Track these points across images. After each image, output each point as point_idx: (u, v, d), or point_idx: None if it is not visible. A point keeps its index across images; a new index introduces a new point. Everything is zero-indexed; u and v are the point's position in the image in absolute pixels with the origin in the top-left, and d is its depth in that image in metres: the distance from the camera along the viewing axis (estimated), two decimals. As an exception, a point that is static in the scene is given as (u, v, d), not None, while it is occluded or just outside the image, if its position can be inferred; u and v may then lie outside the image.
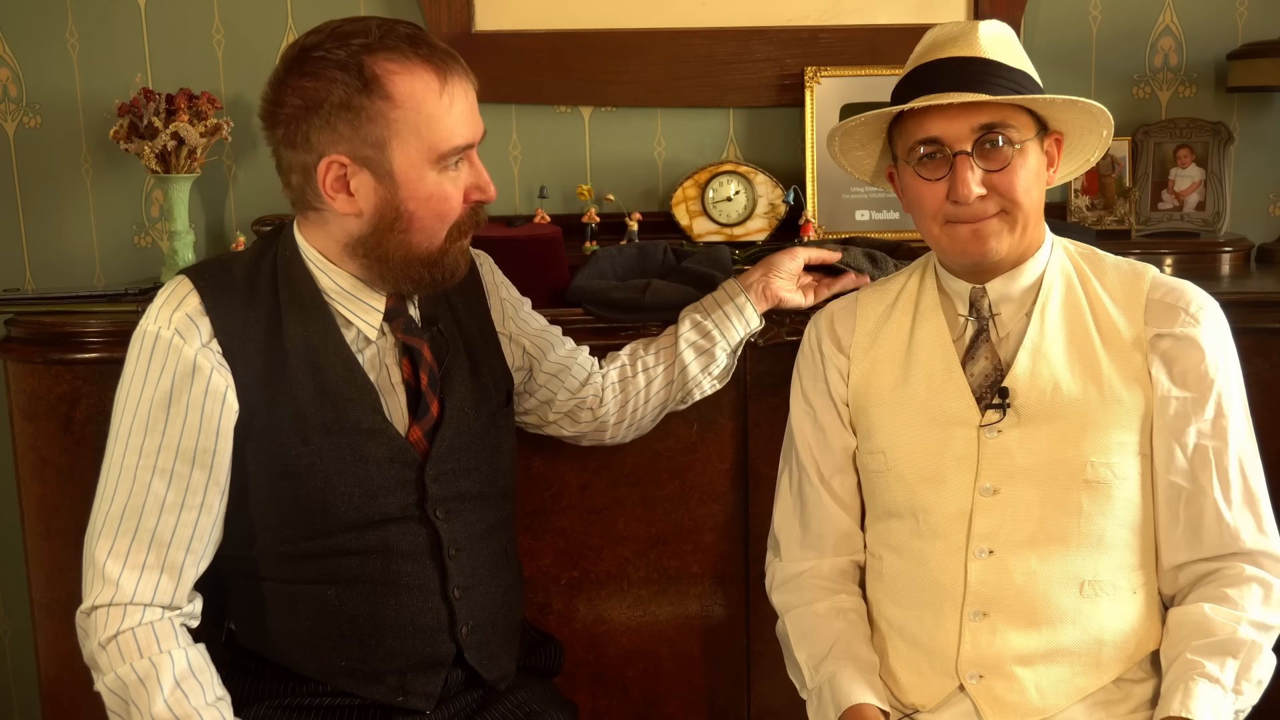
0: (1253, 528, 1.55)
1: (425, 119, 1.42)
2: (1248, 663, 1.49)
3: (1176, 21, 2.47)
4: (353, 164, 1.43)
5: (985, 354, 1.59)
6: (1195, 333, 1.55)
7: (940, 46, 1.55)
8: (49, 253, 2.50)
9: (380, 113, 1.41)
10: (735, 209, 2.40)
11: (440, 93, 1.43)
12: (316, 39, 1.44)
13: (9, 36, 2.44)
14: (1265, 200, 2.53)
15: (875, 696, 1.55)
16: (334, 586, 1.52)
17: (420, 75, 1.42)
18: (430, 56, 1.43)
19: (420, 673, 1.56)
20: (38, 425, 1.97)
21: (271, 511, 1.51)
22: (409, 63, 1.42)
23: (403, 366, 1.56)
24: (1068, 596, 1.55)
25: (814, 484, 1.70)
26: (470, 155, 1.50)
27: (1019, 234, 1.55)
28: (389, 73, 1.41)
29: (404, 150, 1.43)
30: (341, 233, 1.49)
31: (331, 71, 1.41)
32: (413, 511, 1.54)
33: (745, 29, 2.43)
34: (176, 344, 1.45)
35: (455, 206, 1.48)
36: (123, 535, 1.45)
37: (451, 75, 1.44)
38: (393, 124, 1.41)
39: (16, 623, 2.57)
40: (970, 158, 1.51)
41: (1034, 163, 1.54)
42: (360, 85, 1.40)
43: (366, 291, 1.53)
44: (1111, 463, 1.54)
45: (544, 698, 1.70)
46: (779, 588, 1.73)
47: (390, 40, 1.42)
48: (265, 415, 1.48)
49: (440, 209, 1.47)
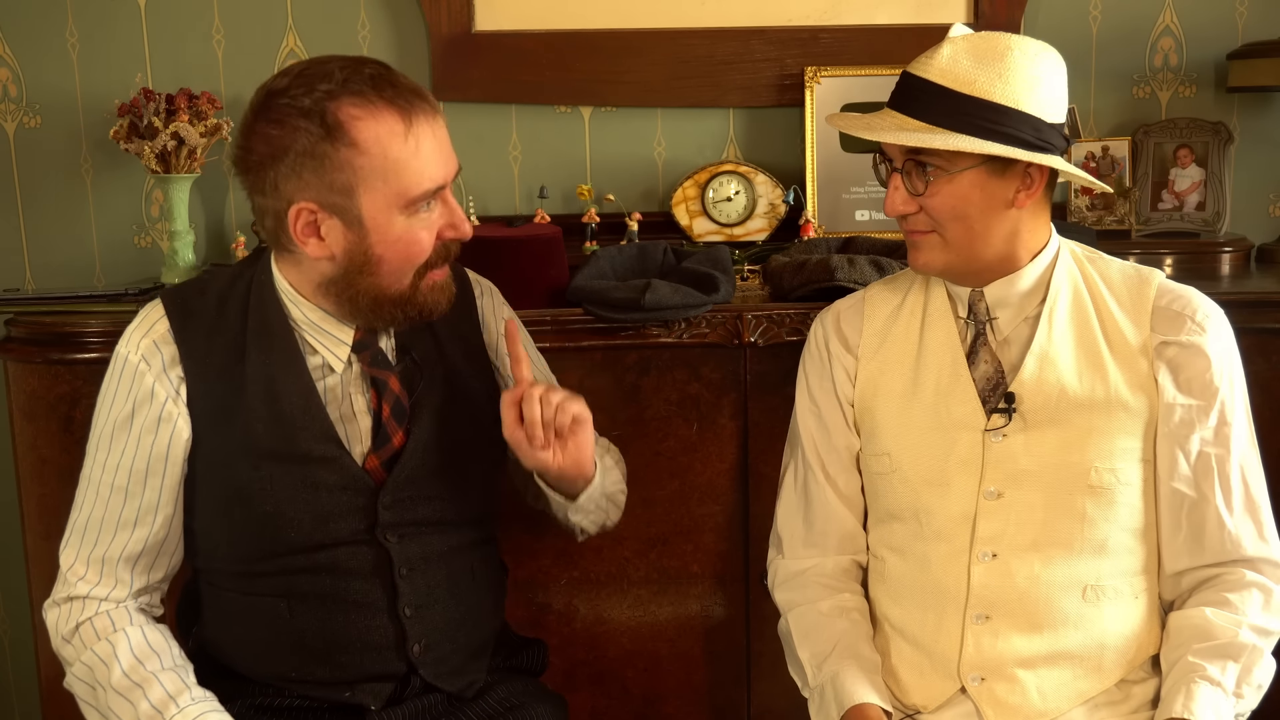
0: (1254, 535, 1.56)
1: (392, 165, 1.41)
2: (1248, 666, 1.49)
3: (1176, 21, 2.47)
4: (321, 211, 1.43)
5: (985, 357, 1.59)
6: (1201, 340, 1.55)
7: (922, 55, 1.54)
8: (49, 253, 2.50)
9: (346, 160, 1.40)
10: (735, 209, 2.40)
11: (405, 136, 1.42)
12: (282, 83, 1.43)
13: (9, 36, 2.44)
14: (1265, 200, 2.53)
15: (878, 696, 1.55)
16: (286, 600, 1.53)
17: (385, 120, 1.41)
18: (395, 99, 1.42)
19: (370, 684, 1.57)
20: (38, 425, 1.97)
21: (225, 530, 1.55)
22: (373, 107, 1.41)
23: (369, 396, 1.56)
24: (1070, 601, 1.55)
25: (819, 481, 1.70)
26: (443, 194, 1.49)
27: (958, 253, 1.55)
28: (353, 119, 1.40)
29: (372, 197, 1.42)
30: (315, 273, 1.50)
31: (296, 120, 1.40)
32: (363, 536, 1.54)
33: (745, 29, 2.43)
34: (141, 370, 1.51)
35: (425, 249, 1.47)
36: (85, 544, 1.54)
37: (417, 116, 1.43)
38: (359, 171, 1.41)
39: (16, 623, 2.57)
40: (900, 174, 1.53)
41: (969, 190, 1.51)
42: (324, 133, 1.40)
43: (335, 324, 1.54)
44: (1115, 468, 1.54)
45: (526, 692, 1.69)
46: (781, 585, 1.73)
47: (354, 84, 1.41)
48: (218, 439, 1.51)
49: (409, 252, 1.47)
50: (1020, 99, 1.49)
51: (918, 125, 1.50)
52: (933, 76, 1.50)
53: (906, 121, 1.51)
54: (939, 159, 1.50)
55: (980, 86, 1.48)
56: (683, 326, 1.94)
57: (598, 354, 1.95)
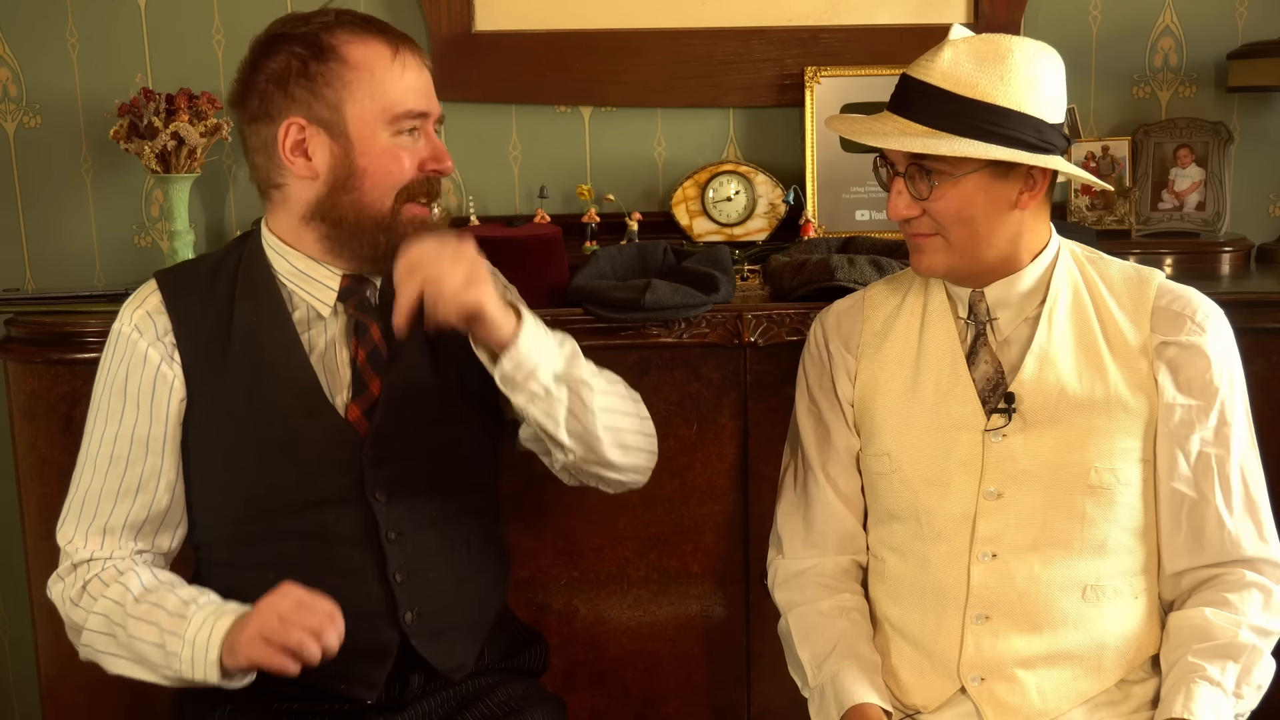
0: (1253, 535, 1.56)
1: (378, 82, 1.51)
2: (1248, 667, 1.49)
3: (1176, 21, 2.47)
4: (310, 125, 1.51)
5: (985, 357, 1.59)
6: (1201, 341, 1.55)
7: (921, 58, 1.54)
8: (49, 253, 2.50)
9: (335, 74, 1.50)
10: (735, 209, 2.40)
11: (392, 60, 1.52)
12: (279, 25, 1.56)
13: (9, 36, 2.44)
14: (1265, 200, 2.53)
15: (878, 696, 1.56)
16: (274, 570, 1.50)
17: (373, 45, 1.52)
18: (384, 30, 1.54)
19: (363, 660, 1.55)
20: (38, 425, 1.97)
21: (216, 494, 1.57)
22: (364, 34, 1.53)
23: (352, 346, 1.58)
24: (1070, 601, 1.55)
25: (819, 482, 1.70)
26: (426, 128, 1.55)
27: (961, 255, 1.55)
28: (344, 42, 1.51)
29: (357, 109, 1.50)
30: (299, 203, 1.54)
31: (291, 46, 1.51)
32: (350, 494, 1.55)
33: (745, 29, 2.43)
34: (134, 338, 1.56)
35: (406, 169, 1.53)
36: (84, 517, 1.57)
37: (404, 48, 1.54)
38: (347, 84, 1.50)
39: (17, 623, 2.57)
40: (903, 179, 1.53)
41: (973, 193, 1.51)
42: (317, 53, 1.50)
43: (320, 270, 1.57)
44: (1115, 468, 1.54)
45: (525, 695, 1.68)
46: (781, 585, 1.73)
47: (346, 18, 1.54)
48: (208, 399, 1.55)
49: (390, 168, 1.52)
50: (1022, 101, 1.49)
51: (921, 130, 1.50)
52: (935, 80, 1.50)
53: (909, 126, 1.51)
54: (943, 163, 1.50)
55: (983, 89, 1.48)
56: (683, 326, 1.94)
57: (598, 354, 1.94)
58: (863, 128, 1.56)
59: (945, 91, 1.49)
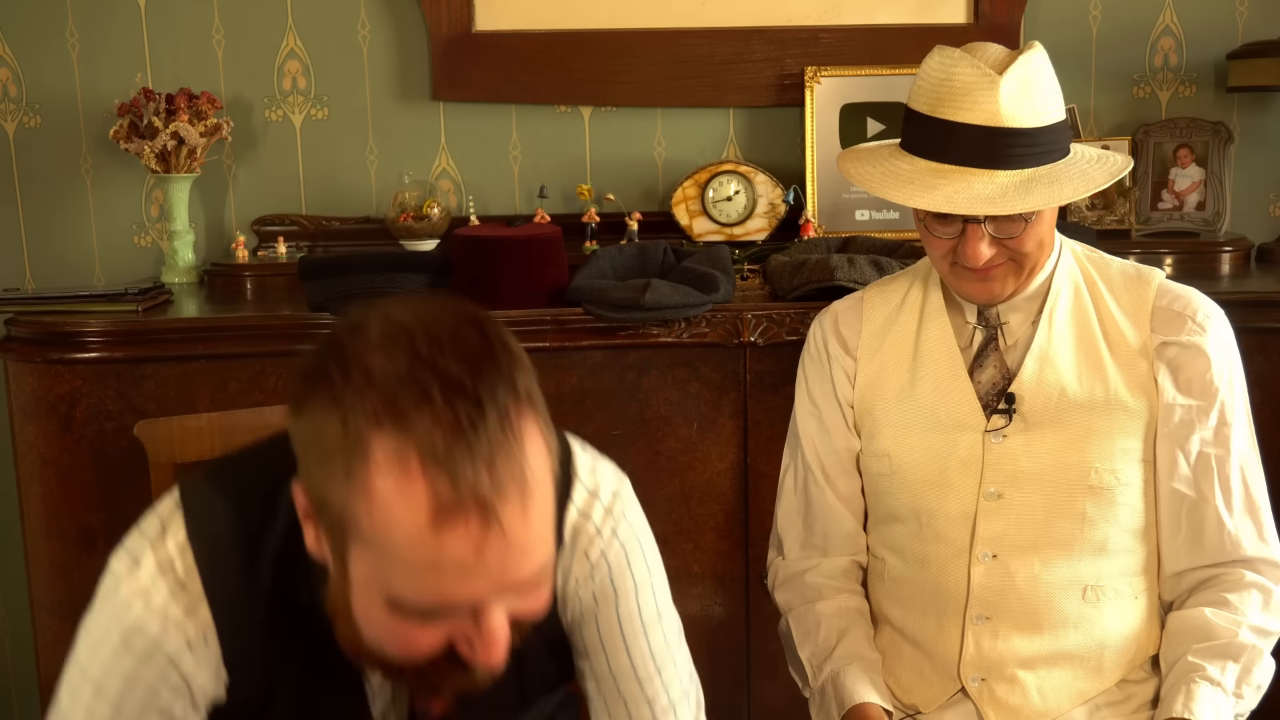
0: (1253, 535, 1.55)
1: (391, 558, 0.96)
2: (1248, 667, 1.49)
3: (1176, 21, 2.48)
4: (314, 512, 1.03)
5: (994, 362, 1.59)
6: (1202, 341, 1.55)
7: (959, 97, 1.45)
8: (49, 253, 2.50)
9: (347, 501, 0.97)
10: (735, 209, 2.40)
11: (428, 540, 0.94)
12: (352, 351, 0.97)
13: (9, 36, 2.44)
14: (1265, 200, 2.53)
15: (879, 696, 1.55)
16: None
17: (412, 499, 0.93)
18: (447, 475, 0.93)
19: None
20: (38, 425, 1.97)
21: None
22: (407, 470, 0.93)
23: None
24: (1071, 601, 1.55)
25: (819, 483, 1.69)
26: (481, 607, 1.00)
27: (1025, 274, 1.54)
28: (378, 468, 0.94)
29: (360, 563, 1.00)
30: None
31: (329, 415, 0.96)
32: None
33: (745, 29, 2.44)
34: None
35: (420, 651, 1.03)
36: None
37: (462, 518, 0.93)
38: (358, 526, 0.97)
39: (16, 623, 2.57)
40: (982, 225, 1.48)
41: (1051, 216, 1.51)
42: (343, 445, 0.95)
43: None
44: (1115, 469, 1.54)
45: None
46: (782, 586, 1.73)
47: (414, 409, 0.94)
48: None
49: (395, 645, 1.04)
50: (1061, 106, 1.50)
51: (1023, 175, 1.45)
52: (1003, 121, 1.45)
53: (993, 175, 1.45)
54: None
55: (1048, 112, 1.47)
56: (683, 326, 1.94)
57: (598, 354, 1.95)
58: (967, 194, 1.44)
59: (1020, 131, 1.45)
